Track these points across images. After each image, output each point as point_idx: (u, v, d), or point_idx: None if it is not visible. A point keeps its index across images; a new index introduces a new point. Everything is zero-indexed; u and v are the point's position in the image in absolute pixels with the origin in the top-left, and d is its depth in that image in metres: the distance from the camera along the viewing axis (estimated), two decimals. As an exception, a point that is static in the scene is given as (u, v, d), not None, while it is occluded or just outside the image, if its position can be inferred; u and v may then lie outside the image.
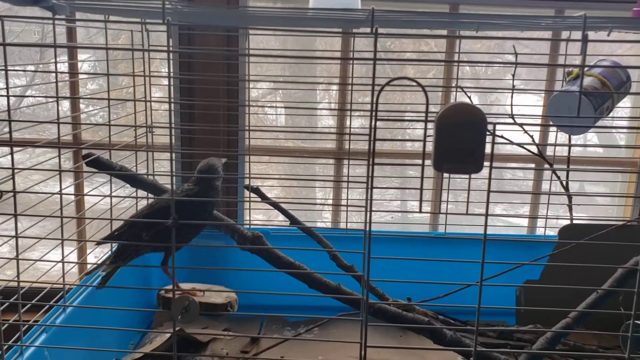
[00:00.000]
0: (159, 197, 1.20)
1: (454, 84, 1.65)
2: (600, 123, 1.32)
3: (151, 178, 1.35)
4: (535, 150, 1.60)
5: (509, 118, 1.43)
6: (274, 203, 1.41)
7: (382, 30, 0.81)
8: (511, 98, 1.42)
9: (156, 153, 1.70)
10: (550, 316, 1.20)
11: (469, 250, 1.54)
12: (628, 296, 1.20)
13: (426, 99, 0.79)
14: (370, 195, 0.84)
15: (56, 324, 1.16)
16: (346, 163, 1.80)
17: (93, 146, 1.62)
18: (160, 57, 1.76)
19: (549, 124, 1.50)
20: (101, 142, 1.65)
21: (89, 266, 1.50)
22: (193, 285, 1.49)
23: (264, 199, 1.41)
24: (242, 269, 1.56)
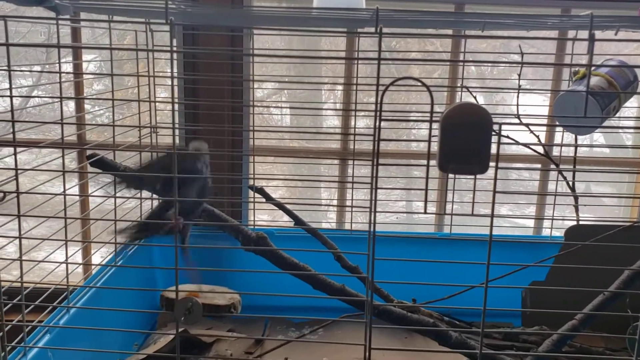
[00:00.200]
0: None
1: (460, 84, 1.64)
2: (607, 123, 1.31)
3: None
4: (541, 150, 1.59)
5: (515, 118, 1.42)
6: (278, 203, 1.41)
7: (387, 30, 0.81)
8: (517, 98, 1.41)
9: (160, 154, 1.70)
10: (556, 318, 1.19)
11: (474, 251, 1.53)
12: (635, 298, 1.19)
13: (431, 99, 0.78)
14: (374, 196, 0.83)
15: (60, 325, 1.16)
16: (351, 163, 1.80)
17: (97, 146, 1.62)
18: (165, 58, 1.76)
19: (555, 124, 1.49)
20: (105, 143, 1.65)
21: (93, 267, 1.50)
22: (197, 286, 1.48)
23: (269, 199, 1.41)
24: (246, 270, 1.56)
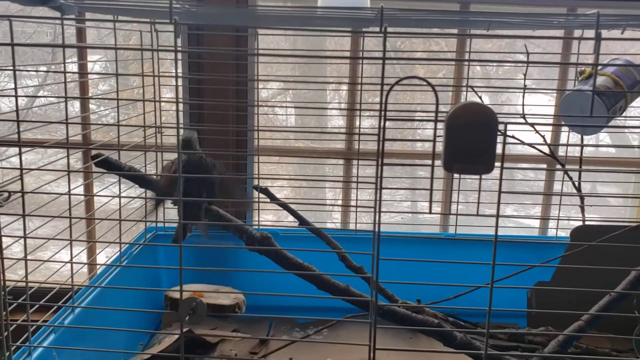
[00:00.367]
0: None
1: (464, 84, 1.64)
2: (613, 123, 1.31)
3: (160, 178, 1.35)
4: (546, 150, 1.58)
5: (520, 118, 1.42)
6: (283, 204, 1.40)
7: (392, 30, 0.80)
8: (522, 98, 1.40)
9: (165, 153, 1.70)
10: (562, 318, 1.18)
11: (480, 251, 1.52)
12: (642, 299, 1.18)
13: (436, 98, 0.78)
14: (379, 196, 0.83)
15: (65, 325, 1.16)
16: (355, 163, 1.79)
17: (102, 146, 1.62)
18: (170, 58, 1.76)
19: (561, 124, 1.48)
20: (110, 143, 1.66)
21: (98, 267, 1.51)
22: (201, 286, 1.48)
23: (273, 199, 1.40)
24: (251, 270, 1.56)
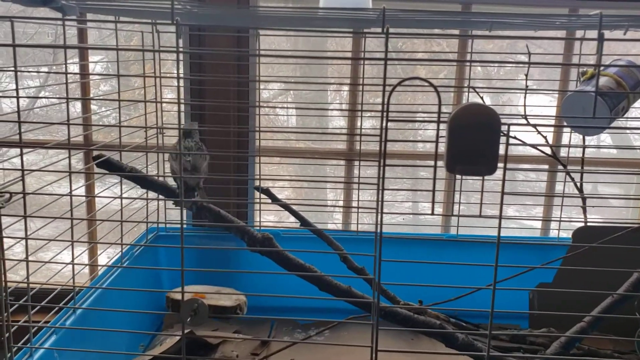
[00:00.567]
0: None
1: (466, 85, 1.63)
2: (615, 124, 1.30)
3: (162, 179, 1.35)
4: (548, 151, 1.58)
5: (522, 119, 1.41)
6: (284, 204, 1.40)
7: (394, 30, 0.80)
8: (524, 98, 1.40)
9: (167, 154, 1.70)
10: (564, 320, 1.18)
11: (481, 252, 1.52)
12: (645, 300, 1.18)
13: (439, 99, 0.77)
14: (381, 197, 0.83)
15: (66, 326, 1.16)
16: (357, 164, 1.79)
17: (103, 147, 1.62)
18: (172, 59, 1.76)
19: (563, 125, 1.48)
20: (112, 143, 1.65)
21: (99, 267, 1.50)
22: (203, 288, 1.48)
23: (275, 200, 1.40)
24: (252, 271, 1.55)
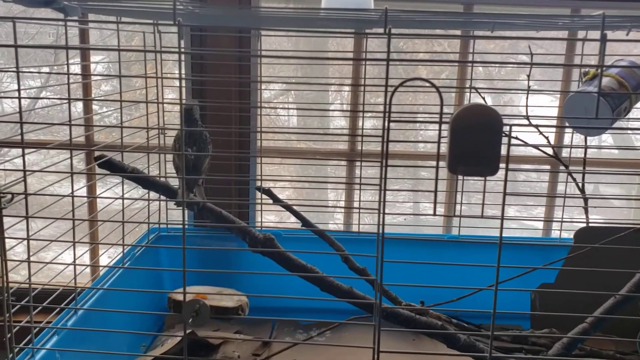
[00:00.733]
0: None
1: (467, 85, 1.63)
2: (616, 124, 1.30)
3: (163, 180, 1.35)
4: (550, 152, 1.58)
5: (524, 119, 1.41)
6: (285, 205, 1.40)
7: (395, 31, 0.80)
8: (526, 99, 1.40)
9: (168, 155, 1.70)
10: (566, 320, 1.17)
11: (483, 252, 1.52)
12: (647, 301, 1.18)
13: (440, 100, 0.77)
14: (383, 197, 0.82)
15: (68, 327, 1.16)
16: (358, 165, 1.79)
17: (105, 148, 1.62)
18: (173, 59, 1.76)
19: (565, 125, 1.48)
20: (113, 144, 1.65)
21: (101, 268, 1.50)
22: (204, 288, 1.48)
23: (276, 200, 1.40)
24: (254, 272, 1.55)
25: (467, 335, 1.12)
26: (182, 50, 0.88)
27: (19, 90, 0.96)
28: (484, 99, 1.49)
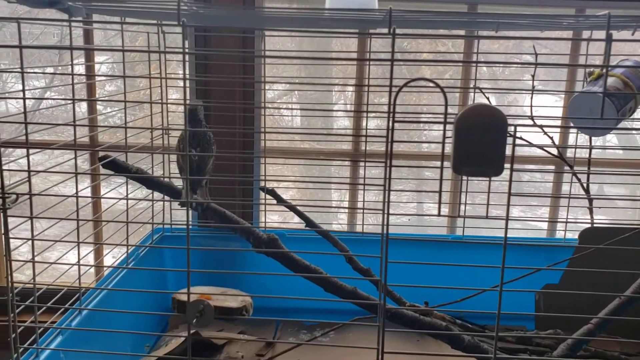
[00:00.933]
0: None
1: (471, 85, 1.63)
2: (620, 124, 1.30)
3: (167, 180, 1.35)
4: (555, 152, 1.58)
5: (528, 119, 1.41)
6: (289, 205, 1.40)
7: (400, 31, 0.80)
8: (531, 99, 1.40)
9: (172, 155, 1.70)
10: (571, 321, 1.17)
11: (487, 253, 1.52)
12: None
13: (445, 100, 0.77)
14: (387, 198, 0.82)
15: (72, 327, 1.16)
16: (362, 165, 1.79)
17: (109, 148, 1.62)
18: (177, 59, 1.76)
19: (570, 126, 1.47)
20: (118, 144, 1.66)
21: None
22: (208, 289, 1.48)
23: (280, 201, 1.40)
24: (258, 272, 1.55)
25: (472, 336, 1.12)
26: (186, 50, 0.88)
27: (23, 90, 0.96)
28: (488, 99, 1.49)
